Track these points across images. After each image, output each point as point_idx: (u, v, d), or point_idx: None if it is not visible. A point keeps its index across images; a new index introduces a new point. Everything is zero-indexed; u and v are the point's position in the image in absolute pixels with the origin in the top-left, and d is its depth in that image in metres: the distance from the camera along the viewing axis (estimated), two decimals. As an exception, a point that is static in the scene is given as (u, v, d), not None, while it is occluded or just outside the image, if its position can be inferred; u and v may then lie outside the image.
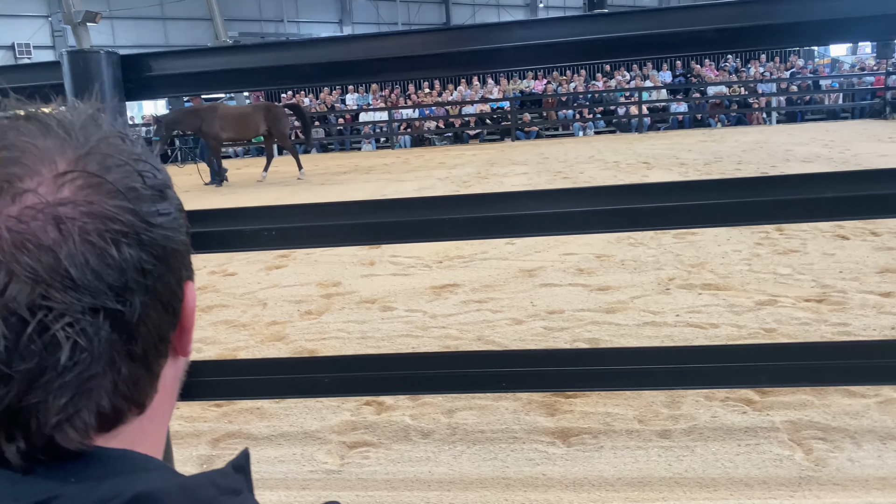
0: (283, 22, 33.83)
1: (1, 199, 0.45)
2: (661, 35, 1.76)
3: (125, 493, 0.46)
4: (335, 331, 3.89)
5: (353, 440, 2.60)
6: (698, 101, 21.37)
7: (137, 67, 1.73)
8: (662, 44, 1.79)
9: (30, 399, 0.46)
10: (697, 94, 21.63)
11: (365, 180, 12.01)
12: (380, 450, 2.52)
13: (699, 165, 10.71)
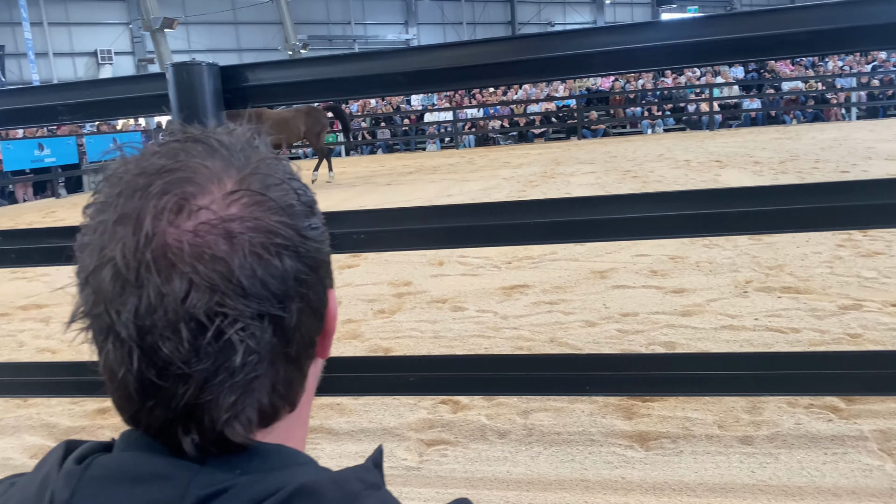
0: (350, 24, 34.33)
1: (180, 215, 0.50)
2: (751, 38, 1.74)
3: (289, 484, 0.50)
4: (408, 330, 3.95)
5: (431, 438, 2.65)
6: (772, 98, 20.67)
7: (235, 78, 1.81)
8: (752, 47, 1.77)
9: (204, 396, 0.50)
10: (771, 90, 20.93)
11: (430, 180, 12.10)
12: (457, 448, 2.56)
13: (774, 164, 10.38)
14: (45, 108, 1.98)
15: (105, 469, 0.51)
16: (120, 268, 0.48)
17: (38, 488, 0.53)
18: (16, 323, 4.86)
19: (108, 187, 0.53)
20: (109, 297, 0.49)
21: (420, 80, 1.73)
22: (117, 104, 1.93)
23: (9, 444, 2.91)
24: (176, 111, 1.77)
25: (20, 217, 11.60)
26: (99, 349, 0.52)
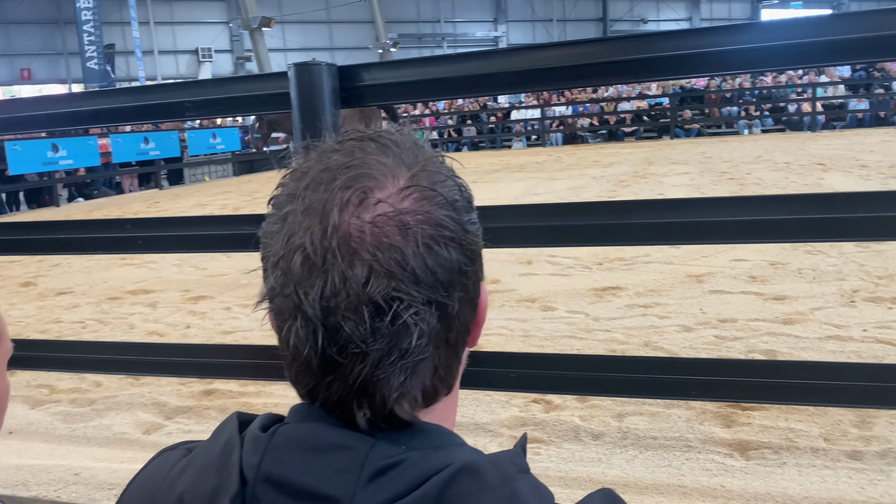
0: (440, 22, 34.61)
1: (361, 207, 0.54)
2: (860, 40, 1.67)
3: (454, 462, 0.54)
4: (497, 328, 3.97)
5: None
6: (881, 98, 19.51)
7: (352, 77, 1.88)
8: (861, 49, 1.70)
9: (378, 374, 0.55)
10: (881, 90, 19.76)
11: (516, 179, 12.07)
12: (550, 447, 2.56)
13: (883, 168, 9.82)
14: (174, 105, 2.11)
15: (289, 438, 0.56)
16: (309, 253, 0.53)
17: (221, 452, 0.58)
18: (126, 306, 5.16)
19: (294, 181, 0.58)
20: (298, 280, 0.53)
21: (533, 80, 1.74)
22: (240, 101, 2.03)
23: (123, 419, 3.10)
24: (296, 109, 1.85)
25: (126, 206, 12.29)
26: (284, 327, 0.56)
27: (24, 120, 2.54)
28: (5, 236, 2.52)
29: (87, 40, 24.40)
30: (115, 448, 2.82)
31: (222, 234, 2.34)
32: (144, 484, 0.65)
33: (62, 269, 6.84)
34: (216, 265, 6.46)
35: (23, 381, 3.61)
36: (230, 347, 2.66)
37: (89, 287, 5.91)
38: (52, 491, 2.44)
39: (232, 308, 4.89)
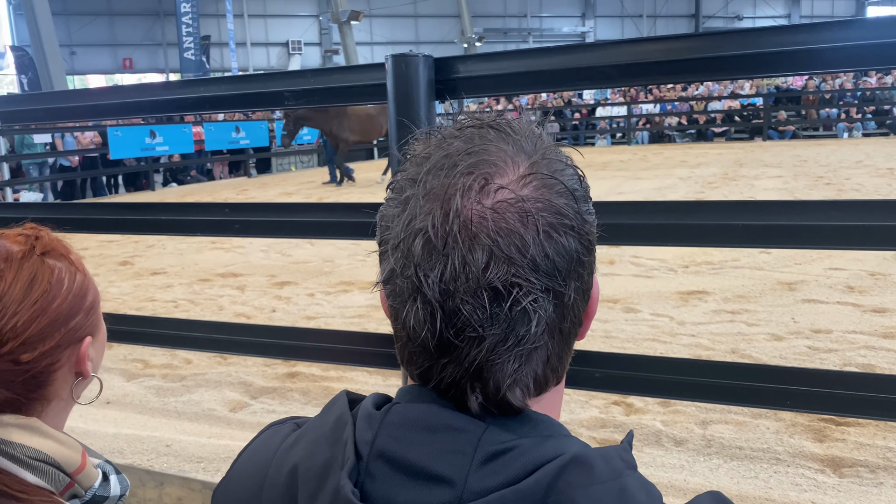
0: (527, 17, 34.36)
1: (482, 192, 0.54)
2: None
3: (565, 453, 0.53)
4: (578, 326, 3.92)
5: (604, 437, 2.62)
6: None
7: (447, 69, 1.89)
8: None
9: (493, 360, 0.55)
10: None
11: (600, 177, 11.87)
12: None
13: None
14: (274, 94, 2.17)
15: (403, 417, 0.57)
16: (430, 237, 0.53)
17: (333, 427, 0.60)
18: (216, 288, 5.37)
19: (415, 166, 0.58)
20: (419, 262, 0.54)
21: (632, 74, 1.70)
22: (338, 92, 2.07)
23: (212, 396, 3.23)
24: (391, 100, 1.88)
25: (217, 193, 12.77)
26: (402, 309, 0.57)
27: (130, 106, 2.67)
28: (117, 216, 2.66)
29: (184, 32, 25.43)
30: (203, 423, 2.94)
31: (312, 221, 2.39)
32: (255, 455, 0.68)
33: (156, 250, 7.16)
34: (301, 252, 6.63)
35: (120, 355, 3.80)
36: (314, 331, 2.72)
37: (182, 268, 6.18)
38: (145, 460, 2.56)
39: (315, 294, 5.01)
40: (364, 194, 11.33)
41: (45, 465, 0.81)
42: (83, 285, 0.89)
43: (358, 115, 12.38)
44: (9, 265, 0.82)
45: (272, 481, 0.62)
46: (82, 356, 0.88)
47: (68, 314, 0.85)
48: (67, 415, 0.93)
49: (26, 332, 0.80)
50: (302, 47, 32.41)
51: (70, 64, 27.31)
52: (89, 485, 0.86)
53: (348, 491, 0.53)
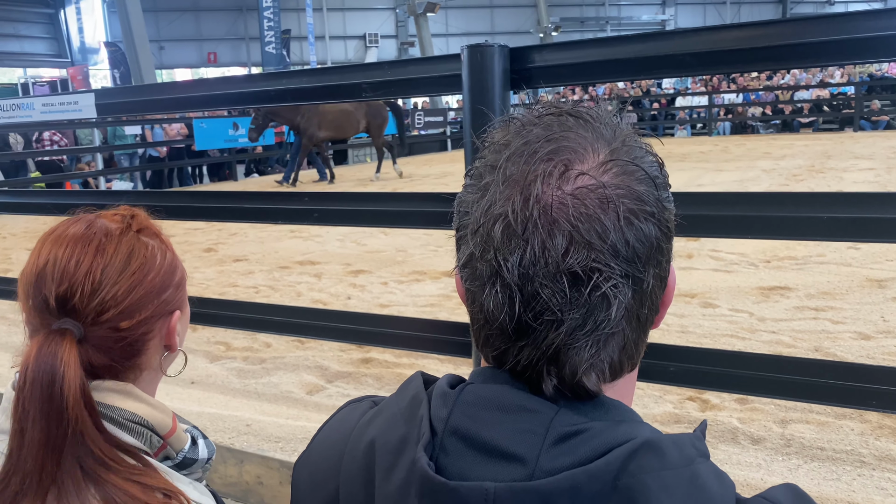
0: (605, 5, 33.71)
1: (562, 178, 0.55)
2: None
3: (636, 438, 0.54)
4: (653, 320, 3.85)
5: (678, 432, 2.58)
6: None
7: (522, 59, 1.89)
8: None
9: (570, 344, 0.56)
10: None
11: (679, 168, 11.55)
12: (705, 447, 2.46)
13: None
14: (351, 86, 2.22)
15: (477, 396, 0.59)
16: (510, 221, 0.54)
17: (409, 405, 0.62)
18: (294, 275, 5.52)
19: (494, 153, 0.59)
20: (498, 246, 0.55)
21: (713, 62, 1.66)
22: (413, 83, 2.11)
23: (290, 379, 3.34)
24: (466, 90, 1.90)
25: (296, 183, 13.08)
26: (481, 292, 0.58)
27: (216, 98, 2.78)
28: (205, 203, 2.78)
29: (266, 26, 26.11)
30: (281, 405, 3.05)
31: (387, 211, 2.44)
32: (334, 430, 0.71)
33: (239, 238, 7.42)
34: (375, 242, 6.74)
35: (203, 337, 3.97)
36: (387, 318, 2.77)
37: (262, 256, 6.38)
38: (227, 438, 2.68)
39: (389, 283, 5.10)
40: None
41: (141, 427, 0.87)
42: (173, 262, 0.95)
43: (331, 110, 11.62)
44: (109, 240, 0.88)
45: (351, 454, 0.65)
46: (172, 329, 0.94)
47: (161, 287, 0.91)
48: (157, 386, 0.99)
49: (125, 301, 0.86)
50: (378, 40, 32.78)
51: (158, 59, 28.48)
52: (180, 447, 0.92)
53: (424, 463, 0.55)
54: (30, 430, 0.77)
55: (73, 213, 0.96)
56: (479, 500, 0.53)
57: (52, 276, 0.84)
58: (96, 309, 0.84)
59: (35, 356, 0.79)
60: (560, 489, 0.51)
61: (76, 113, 2.98)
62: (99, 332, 0.85)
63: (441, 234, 6.55)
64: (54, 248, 0.86)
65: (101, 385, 0.86)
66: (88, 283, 0.84)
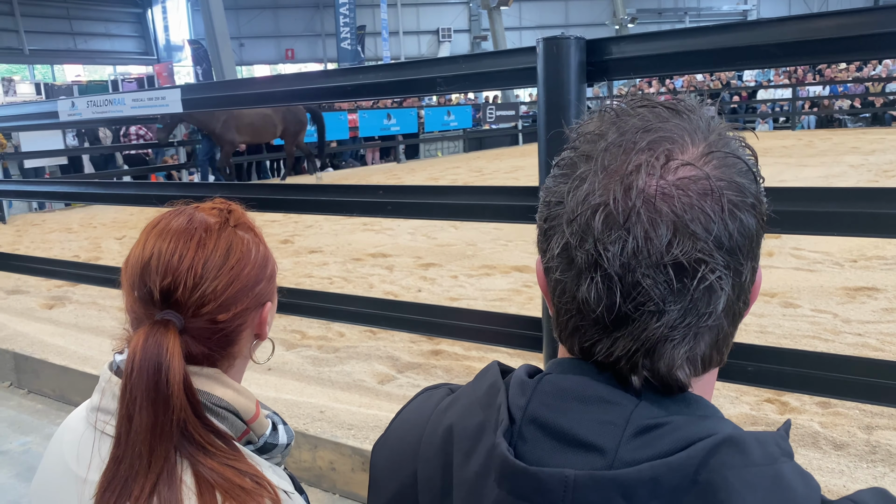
0: (683, -4, 32.77)
1: (664, 169, 0.54)
2: None
3: (718, 433, 0.53)
4: (729, 319, 3.74)
5: (754, 434, 2.50)
6: None
7: (599, 51, 1.87)
8: None
9: (670, 336, 0.55)
10: None
11: (760, 163, 11.08)
12: (783, 451, 2.39)
13: None
14: (427, 80, 2.25)
15: (555, 386, 0.60)
16: (611, 211, 0.54)
17: (486, 392, 0.64)
18: (367, 267, 5.62)
19: (587, 143, 0.59)
20: (598, 236, 0.54)
21: (799, 53, 1.60)
22: (488, 76, 2.11)
23: (362, 368, 3.40)
24: (541, 83, 1.89)
25: (369, 178, 13.28)
26: (572, 282, 0.58)
27: (296, 93, 2.86)
28: (284, 196, 2.87)
29: (342, 22, 26.54)
30: (353, 393, 3.11)
31: (459, 204, 2.46)
32: (412, 415, 0.73)
33: (314, 230, 7.60)
34: (445, 235, 6.79)
35: (280, 326, 4.09)
36: (458, 310, 2.80)
37: (336, 248, 6.52)
38: (301, 424, 2.76)
39: (458, 277, 5.12)
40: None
41: (227, 412, 0.91)
42: (266, 255, 0.99)
43: (247, 114, 11.08)
44: (209, 235, 0.92)
45: (429, 438, 0.66)
46: (263, 319, 0.98)
47: (255, 281, 0.95)
48: (243, 373, 1.04)
49: (224, 295, 0.90)
50: (451, 34, 32.85)
51: (239, 55, 29.36)
52: (262, 432, 0.95)
53: (504, 449, 0.56)
54: (137, 416, 0.82)
55: (173, 205, 1.00)
56: (559, 486, 0.53)
57: (157, 269, 0.88)
58: (197, 302, 0.89)
59: (142, 346, 0.84)
60: (640, 480, 0.51)
61: (163, 108, 3.11)
62: (198, 324, 0.89)
63: (511, 228, 6.53)
64: (158, 242, 0.90)
65: (193, 371, 0.91)
66: (191, 277, 0.88)
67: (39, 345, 3.95)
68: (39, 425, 3.38)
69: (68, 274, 4.03)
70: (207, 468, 0.83)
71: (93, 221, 9.17)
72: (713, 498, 0.50)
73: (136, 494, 0.81)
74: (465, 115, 18.88)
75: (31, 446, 3.16)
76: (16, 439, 3.24)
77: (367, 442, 2.60)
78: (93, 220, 9.33)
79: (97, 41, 30.40)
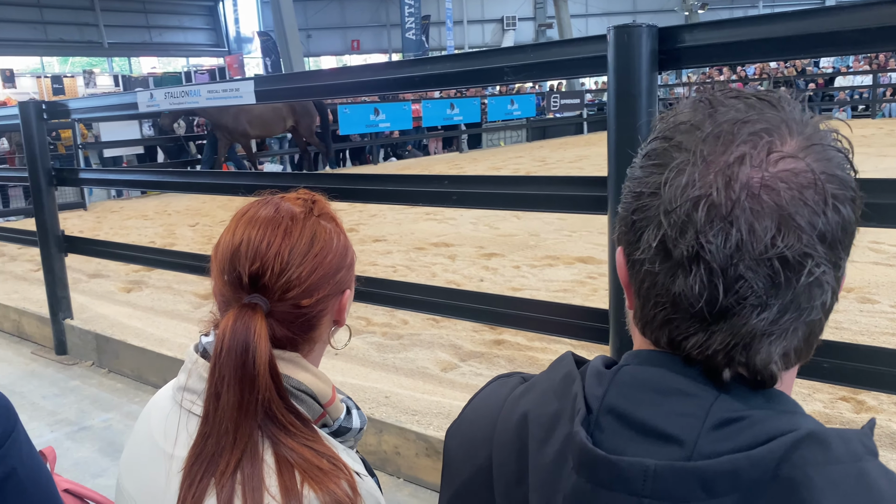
0: (757, -21, 31.63)
1: (766, 160, 0.54)
2: None
3: (800, 429, 0.53)
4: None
5: (827, 433, 2.43)
6: None
7: (672, 39, 1.84)
8: None
9: (772, 330, 0.54)
10: None
11: (837, 153, 10.68)
12: (858, 451, 2.31)
13: None
14: (494, 70, 2.25)
15: (633, 377, 0.60)
16: (715, 203, 0.53)
17: (562, 382, 0.64)
18: (429, 256, 5.67)
19: (682, 134, 0.58)
20: (700, 228, 0.53)
21: (883, 38, 1.53)
22: (557, 65, 2.10)
23: (425, 355, 3.45)
24: (611, 72, 1.87)
25: (431, 167, 13.35)
26: (666, 273, 0.57)
27: (365, 84, 2.90)
28: (352, 186, 2.93)
29: (407, 12, 26.66)
30: (417, 379, 3.16)
31: (524, 194, 2.45)
32: (485, 402, 0.74)
33: (378, 219, 7.70)
34: (507, 225, 6.78)
35: (345, 312, 4.18)
36: (521, 300, 2.80)
37: (400, 237, 6.59)
38: (366, 408, 2.82)
39: (521, 267, 5.12)
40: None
41: (305, 395, 0.94)
42: (346, 244, 1.03)
43: (258, 107, 10.65)
44: (295, 223, 0.96)
45: (503, 425, 0.68)
46: (342, 306, 1.01)
47: (336, 268, 0.98)
48: (321, 357, 1.07)
49: (308, 281, 0.94)
50: (516, 22, 32.56)
51: (306, 46, 29.82)
52: (337, 416, 0.98)
53: (583, 437, 0.57)
54: (225, 394, 0.86)
55: (260, 195, 1.05)
56: (638, 476, 0.54)
57: (246, 254, 0.93)
58: (283, 287, 0.92)
59: (231, 327, 0.88)
60: (720, 472, 0.51)
61: (237, 99, 3.21)
62: (283, 308, 0.93)
63: (575, 218, 6.47)
64: (248, 229, 0.95)
65: (275, 354, 0.94)
66: (277, 263, 0.92)
67: (119, 327, 4.14)
68: (119, 403, 3.55)
69: (145, 259, 4.20)
70: (287, 448, 0.86)
71: (167, 209, 9.52)
72: (794, 494, 0.50)
73: (221, 469, 0.85)
74: (529, 104, 18.71)
75: (112, 423, 3.33)
76: (98, 416, 3.41)
77: (430, 428, 2.63)
78: (167, 207, 9.68)
79: (171, 34, 31.38)
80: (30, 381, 3.91)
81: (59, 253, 4.29)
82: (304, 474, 0.85)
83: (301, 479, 0.85)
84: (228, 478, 0.84)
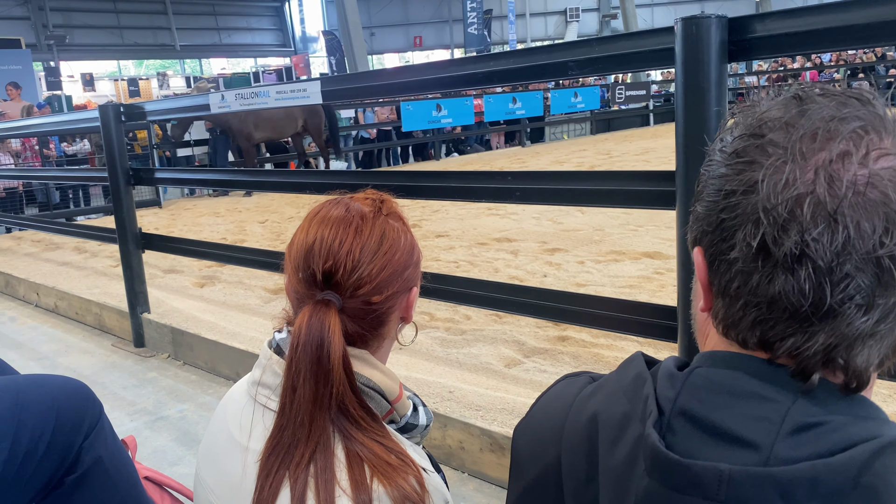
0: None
1: (867, 157, 0.53)
2: None
3: (883, 436, 0.51)
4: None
5: None
6: None
7: (742, 29, 1.79)
8: None
9: (877, 331, 0.54)
10: None
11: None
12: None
13: None
14: (557, 65, 2.23)
15: (707, 380, 0.59)
16: (819, 201, 0.52)
17: (632, 383, 0.64)
18: (492, 252, 5.67)
19: (774, 131, 0.57)
20: (806, 227, 0.53)
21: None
22: (623, 59, 2.07)
23: (488, 351, 3.45)
24: (679, 64, 1.83)
25: (493, 162, 13.33)
26: (762, 273, 0.56)
27: (428, 82, 2.92)
28: (415, 182, 2.96)
29: (469, 7, 26.62)
30: (480, 375, 3.17)
31: (589, 189, 2.43)
32: (554, 401, 0.75)
33: (440, 214, 7.74)
34: (571, 220, 6.71)
35: (409, 308, 4.22)
36: (586, 297, 2.77)
37: (462, 232, 6.61)
38: (431, 403, 2.85)
39: (585, 262, 5.06)
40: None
41: (373, 391, 0.96)
42: (412, 243, 1.05)
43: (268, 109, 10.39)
44: (365, 223, 0.99)
45: (572, 425, 0.68)
46: (410, 303, 1.04)
47: (404, 266, 1.01)
48: (389, 354, 1.09)
49: (377, 278, 0.97)
50: (579, 14, 32.14)
51: (369, 44, 30.16)
52: (404, 413, 1.00)
53: (655, 440, 0.57)
54: (300, 388, 0.90)
55: (331, 194, 1.08)
56: (713, 480, 0.53)
57: (320, 253, 0.96)
58: (354, 284, 0.95)
59: (307, 323, 0.91)
60: (799, 479, 0.50)
61: (305, 99, 3.28)
62: (354, 305, 0.96)
63: (641, 213, 6.35)
64: (320, 229, 0.98)
65: (350, 352, 0.97)
66: (350, 261, 0.95)
67: (193, 320, 4.29)
68: (194, 394, 3.68)
69: (217, 255, 4.34)
70: (358, 442, 0.89)
71: (238, 206, 9.80)
72: (876, 503, 0.49)
73: (296, 461, 0.88)
74: (594, 96, 18.42)
75: (187, 413, 3.46)
76: (174, 406, 3.55)
77: (494, 423, 2.64)
78: (237, 204, 9.97)
79: (239, 35, 32.27)
80: (111, 373, 4.10)
81: (137, 249, 4.48)
82: (374, 469, 0.87)
83: (371, 474, 0.87)
84: (303, 469, 0.87)
